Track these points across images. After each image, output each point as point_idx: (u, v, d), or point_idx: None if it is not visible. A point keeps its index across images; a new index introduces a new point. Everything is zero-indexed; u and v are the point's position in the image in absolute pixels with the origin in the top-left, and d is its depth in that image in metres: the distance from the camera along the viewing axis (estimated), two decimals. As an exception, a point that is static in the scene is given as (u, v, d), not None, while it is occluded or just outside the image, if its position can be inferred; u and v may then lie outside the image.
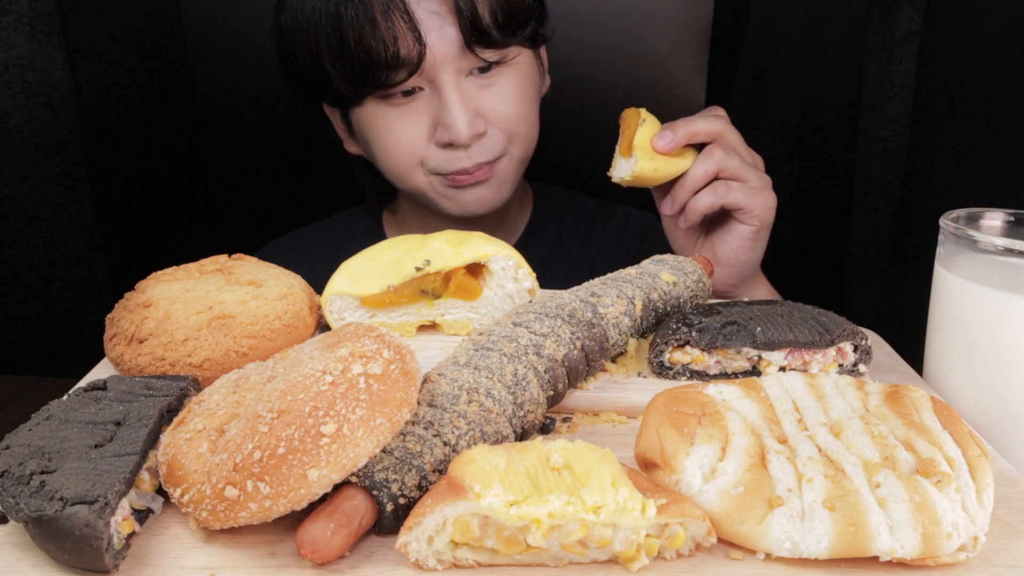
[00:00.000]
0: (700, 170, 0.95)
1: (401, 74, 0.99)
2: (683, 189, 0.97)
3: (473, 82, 1.03)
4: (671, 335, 0.73)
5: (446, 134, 1.02)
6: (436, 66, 1.00)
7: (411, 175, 1.07)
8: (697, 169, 0.95)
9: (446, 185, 1.07)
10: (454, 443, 0.57)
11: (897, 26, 1.22)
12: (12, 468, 0.52)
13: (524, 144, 1.10)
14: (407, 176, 1.08)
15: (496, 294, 0.82)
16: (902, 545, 0.49)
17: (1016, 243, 0.69)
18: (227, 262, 0.83)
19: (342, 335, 0.58)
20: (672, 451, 0.56)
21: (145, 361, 0.71)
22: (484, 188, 1.08)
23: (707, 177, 0.95)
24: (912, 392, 0.61)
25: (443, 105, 1.01)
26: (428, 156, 1.05)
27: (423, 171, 1.07)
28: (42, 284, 1.32)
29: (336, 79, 1.01)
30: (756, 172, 0.96)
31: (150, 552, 0.53)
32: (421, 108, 1.03)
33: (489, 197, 1.09)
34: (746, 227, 0.97)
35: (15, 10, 1.19)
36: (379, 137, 1.06)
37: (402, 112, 1.03)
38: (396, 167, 1.08)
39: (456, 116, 1.00)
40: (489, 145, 1.05)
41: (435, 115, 1.03)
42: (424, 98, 1.03)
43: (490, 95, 1.04)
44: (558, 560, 0.51)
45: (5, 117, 1.22)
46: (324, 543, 0.49)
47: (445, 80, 1.00)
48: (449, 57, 0.99)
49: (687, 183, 0.96)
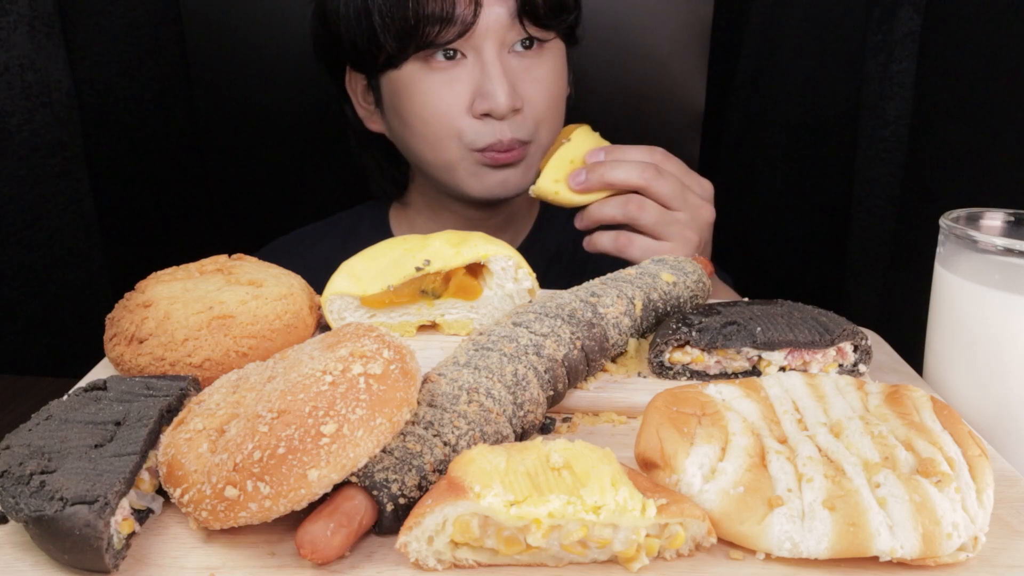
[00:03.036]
0: (612, 212, 0.97)
1: (451, 32, 1.00)
2: (590, 218, 0.99)
3: (513, 59, 1.05)
4: (671, 335, 0.73)
5: (485, 103, 1.02)
6: (484, 32, 1.01)
7: (445, 144, 1.06)
8: (610, 210, 0.97)
9: (478, 163, 1.07)
10: (454, 443, 0.57)
11: (897, 26, 1.21)
12: (12, 468, 0.52)
13: (550, 135, 1.11)
14: (440, 145, 1.07)
15: (496, 294, 0.82)
16: (902, 545, 0.49)
17: (1016, 243, 0.69)
18: (227, 262, 0.83)
19: (342, 335, 0.58)
20: (672, 451, 0.56)
21: (145, 361, 0.71)
22: (513, 171, 1.09)
23: (615, 220, 0.97)
24: (912, 392, 0.61)
25: (485, 74, 1.02)
26: (464, 128, 1.05)
27: (458, 144, 1.06)
28: (42, 284, 1.32)
29: (383, 33, 1.01)
30: (686, 214, 0.96)
31: (150, 552, 0.53)
32: (462, 76, 1.03)
33: (516, 181, 1.10)
34: (651, 244, 0.97)
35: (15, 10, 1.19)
36: (416, 102, 1.05)
37: (444, 77, 1.04)
38: (431, 134, 1.06)
39: (497, 85, 1.01)
40: (522, 124, 1.06)
41: (475, 85, 1.03)
42: (466, 66, 1.03)
43: (527, 77, 1.06)
44: (558, 560, 0.51)
45: (5, 117, 1.22)
46: (324, 543, 0.49)
47: (489, 49, 1.02)
48: (499, 25, 1.02)
49: (595, 215, 0.98)
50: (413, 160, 1.14)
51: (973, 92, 1.15)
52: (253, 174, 1.54)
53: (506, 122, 1.04)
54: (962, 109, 1.17)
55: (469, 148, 1.06)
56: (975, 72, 1.14)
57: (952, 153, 1.19)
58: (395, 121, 1.11)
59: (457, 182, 1.10)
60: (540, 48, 1.07)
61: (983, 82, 1.13)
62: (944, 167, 1.20)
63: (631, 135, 1.46)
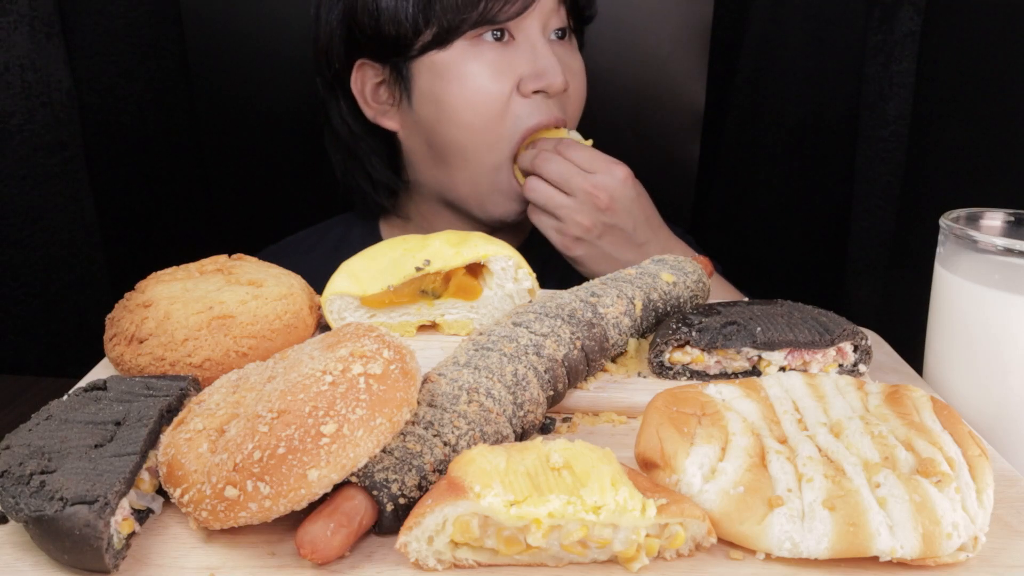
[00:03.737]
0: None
1: (514, 8, 1.01)
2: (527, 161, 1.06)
3: (554, 45, 1.08)
4: (671, 335, 0.73)
5: (541, 80, 1.04)
6: (536, 14, 1.04)
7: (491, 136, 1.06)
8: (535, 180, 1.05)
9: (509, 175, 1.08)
10: (454, 443, 0.57)
11: (897, 26, 1.21)
12: (12, 468, 0.52)
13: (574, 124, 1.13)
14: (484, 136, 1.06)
15: (496, 294, 0.82)
16: (902, 545, 0.49)
17: (1016, 243, 0.69)
18: (227, 262, 0.83)
19: (342, 335, 0.58)
20: (672, 451, 0.56)
21: (145, 361, 0.71)
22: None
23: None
24: (912, 392, 0.61)
25: (539, 53, 1.05)
26: (516, 109, 1.05)
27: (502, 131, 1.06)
28: (42, 284, 1.32)
29: (440, 6, 1.01)
30: (574, 199, 1.02)
31: (150, 552, 0.53)
32: (512, 57, 1.05)
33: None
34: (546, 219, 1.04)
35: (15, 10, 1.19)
36: (465, 85, 1.04)
37: (495, 56, 1.04)
38: (479, 119, 1.05)
39: (552, 63, 1.04)
40: (566, 106, 1.09)
41: (526, 65, 1.04)
42: (515, 48, 1.05)
43: (566, 64, 1.08)
44: (558, 560, 0.51)
45: (5, 117, 1.22)
46: (324, 543, 0.49)
47: (536, 31, 1.05)
48: (548, 8, 1.06)
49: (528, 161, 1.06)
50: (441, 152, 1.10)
51: (973, 92, 1.15)
52: (253, 174, 1.54)
53: (555, 101, 1.07)
54: (962, 109, 1.17)
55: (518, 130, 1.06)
56: (975, 72, 1.14)
57: (952, 153, 1.19)
58: (429, 109, 1.07)
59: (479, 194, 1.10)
60: (570, 40, 1.11)
61: (983, 82, 1.13)
62: (944, 167, 1.20)
63: (631, 135, 1.46)
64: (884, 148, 1.27)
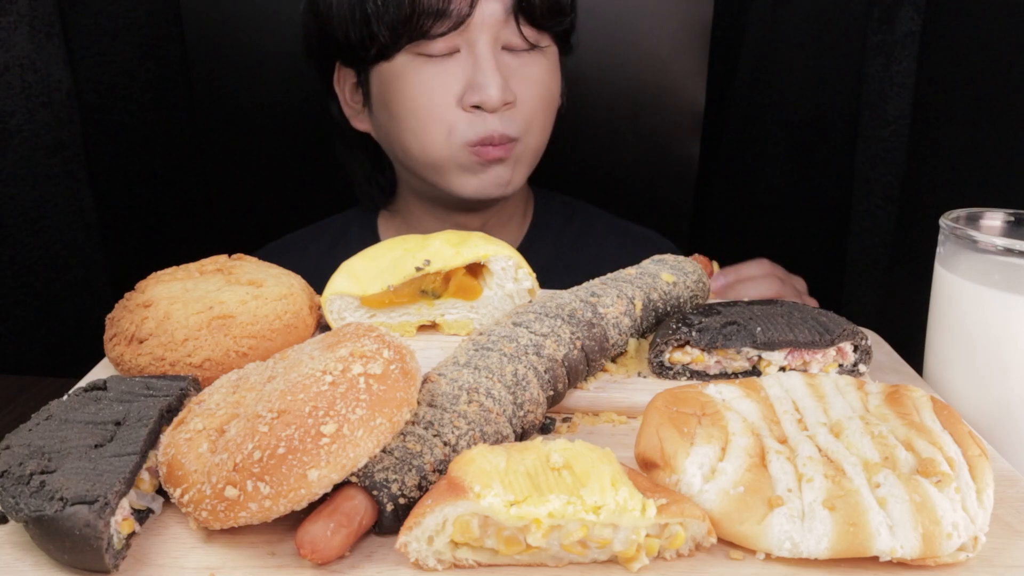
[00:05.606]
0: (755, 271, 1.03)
1: (445, 26, 1.00)
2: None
3: (507, 56, 1.05)
4: (671, 335, 0.73)
5: (476, 95, 1.02)
6: (479, 27, 1.01)
7: (434, 138, 1.05)
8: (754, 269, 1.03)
9: (468, 160, 1.06)
10: (454, 443, 0.57)
11: (897, 26, 1.21)
12: (12, 468, 0.52)
13: (538, 136, 1.10)
14: (429, 140, 1.06)
15: (496, 294, 0.82)
16: (902, 545, 0.49)
17: (1016, 243, 0.69)
18: (227, 262, 0.83)
19: (342, 335, 0.58)
20: (672, 451, 0.56)
21: (145, 361, 0.71)
22: (504, 168, 1.08)
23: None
24: (912, 392, 0.61)
25: (477, 67, 1.02)
26: (456, 122, 1.04)
27: (447, 139, 1.05)
28: (42, 284, 1.32)
29: (376, 22, 1.01)
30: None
31: (150, 552, 0.53)
32: (454, 70, 1.03)
33: (506, 179, 1.09)
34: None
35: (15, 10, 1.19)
36: (406, 95, 1.04)
37: (436, 70, 1.03)
38: (421, 127, 1.05)
39: (490, 77, 1.01)
40: (512, 120, 1.05)
41: (467, 78, 1.03)
42: (458, 61, 1.03)
43: (520, 75, 1.06)
44: (558, 560, 0.51)
45: (5, 117, 1.22)
46: (324, 543, 0.49)
47: (483, 43, 1.02)
48: (493, 20, 1.02)
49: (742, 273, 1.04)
50: (400, 158, 1.13)
51: (973, 92, 1.15)
52: (253, 174, 1.54)
53: (497, 116, 1.04)
54: (962, 109, 1.17)
55: (460, 142, 1.05)
56: (975, 72, 1.14)
57: (952, 153, 1.19)
58: (383, 115, 1.10)
59: (447, 181, 1.09)
60: (534, 51, 1.07)
61: (983, 82, 1.13)
62: (944, 167, 1.20)
63: (631, 135, 1.46)
64: (884, 148, 1.27)
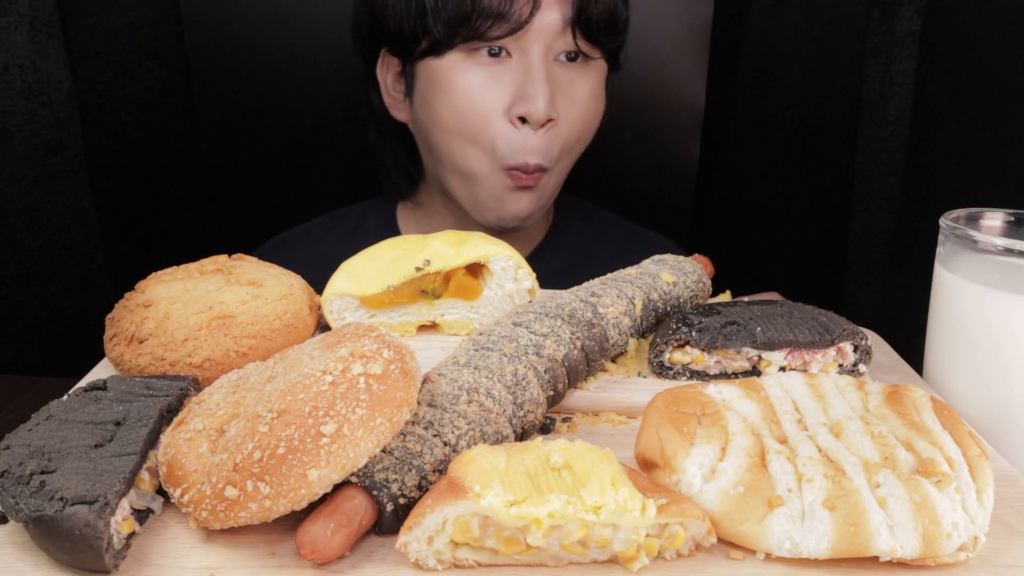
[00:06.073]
0: None
1: (502, 29, 0.99)
2: None
3: (557, 68, 1.04)
4: (671, 335, 0.73)
5: (524, 106, 1.01)
6: (535, 35, 1.00)
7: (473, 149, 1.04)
8: None
9: (505, 180, 1.05)
10: (454, 443, 0.57)
11: (897, 26, 1.21)
12: (12, 468, 0.52)
13: (565, 167, 1.10)
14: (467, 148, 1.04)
15: (496, 294, 0.82)
16: (902, 545, 0.49)
17: (1016, 243, 0.69)
18: (227, 262, 0.83)
19: (342, 335, 0.58)
20: (672, 451, 0.56)
21: (145, 361, 0.71)
22: (529, 197, 1.07)
23: None
24: (912, 392, 0.61)
25: (529, 76, 1.01)
26: (498, 137, 1.03)
27: (489, 157, 1.04)
28: (42, 284, 1.32)
29: (433, 17, 0.99)
30: None
31: (150, 552, 0.53)
32: (504, 76, 1.02)
33: (528, 212, 1.08)
34: None
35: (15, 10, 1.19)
36: (454, 95, 1.03)
37: (486, 73, 1.02)
38: (465, 131, 1.03)
39: (539, 89, 1.00)
40: (552, 143, 1.04)
41: (517, 87, 1.02)
42: (510, 66, 1.02)
43: (566, 92, 1.04)
44: (558, 560, 0.51)
45: (5, 117, 1.22)
46: (324, 543, 0.49)
47: (536, 52, 1.01)
48: (551, 29, 1.01)
49: None
50: (435, 154, 1.11)
51: (973, 92, 1.15)
52: (253, 174, 1.54)
53: (538, 136, 1.02)
54: (962, 109, 1.17)
55: (500, 165, 1.03)
56: (975, 72, 1.14)
57: (952, 153, 1.19)
58: (423, 111, 1.08)
59: (472, 201, 1.08)
60: (584, 64, 1.06)
61: (983, 82, 1.13)
62: (944, 167, 1.20)
63: (631, 135, 1.46)
64: (884, 148, 1.27)
